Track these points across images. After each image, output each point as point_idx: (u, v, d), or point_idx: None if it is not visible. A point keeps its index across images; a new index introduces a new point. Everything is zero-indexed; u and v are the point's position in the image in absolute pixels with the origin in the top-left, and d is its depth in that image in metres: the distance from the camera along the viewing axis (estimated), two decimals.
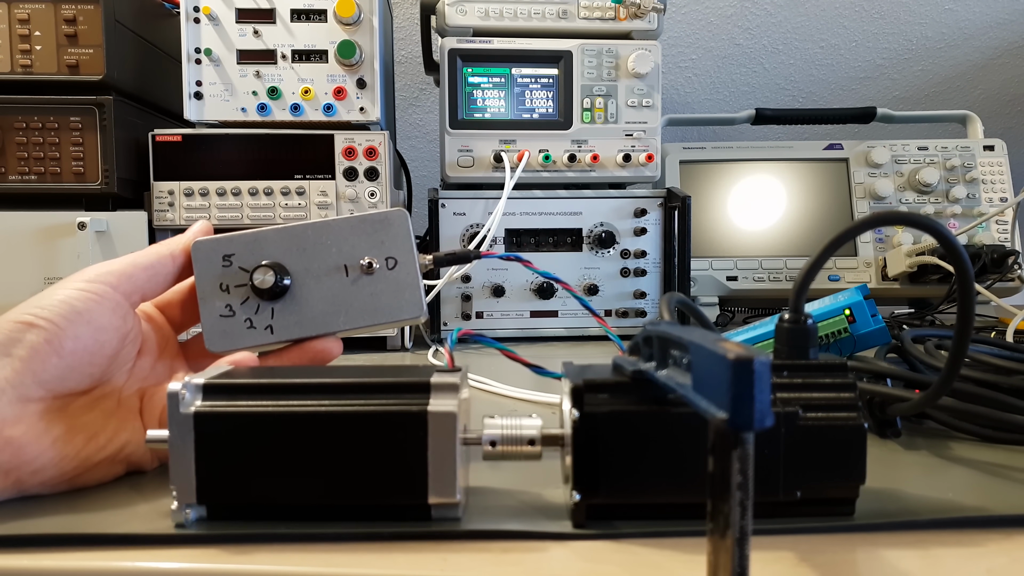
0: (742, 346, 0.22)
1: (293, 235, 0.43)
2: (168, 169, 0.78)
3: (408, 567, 0.29)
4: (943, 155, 1.00)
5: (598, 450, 0.30)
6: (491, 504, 0.34)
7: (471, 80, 0.85)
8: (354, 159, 0.79)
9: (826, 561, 0.29)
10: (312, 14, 0.78)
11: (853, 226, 0.32)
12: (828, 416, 0.30)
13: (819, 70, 1.36)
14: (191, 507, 0.31)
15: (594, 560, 0.29)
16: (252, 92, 0.78)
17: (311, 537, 0.30)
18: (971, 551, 0.30)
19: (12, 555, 0.29)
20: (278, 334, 0.42)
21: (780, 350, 0.33)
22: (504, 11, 0.84)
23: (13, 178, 0.75)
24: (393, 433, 0.31)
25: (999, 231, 0.97)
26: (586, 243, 0.86)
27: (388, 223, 0.44)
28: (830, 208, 0.99)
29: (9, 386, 0.32)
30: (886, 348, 0.51)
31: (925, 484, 0.36)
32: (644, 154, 0.86)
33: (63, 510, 0.32)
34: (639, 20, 0.85)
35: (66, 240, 0.75)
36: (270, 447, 0.31)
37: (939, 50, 1.36)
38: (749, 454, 0.22)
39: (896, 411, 0.42)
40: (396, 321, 0.43)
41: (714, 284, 0.96)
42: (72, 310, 0.35)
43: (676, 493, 0.31)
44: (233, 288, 0.42)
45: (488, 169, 0.85)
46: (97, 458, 0.35)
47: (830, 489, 0.31)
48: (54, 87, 0.75)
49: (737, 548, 0.22)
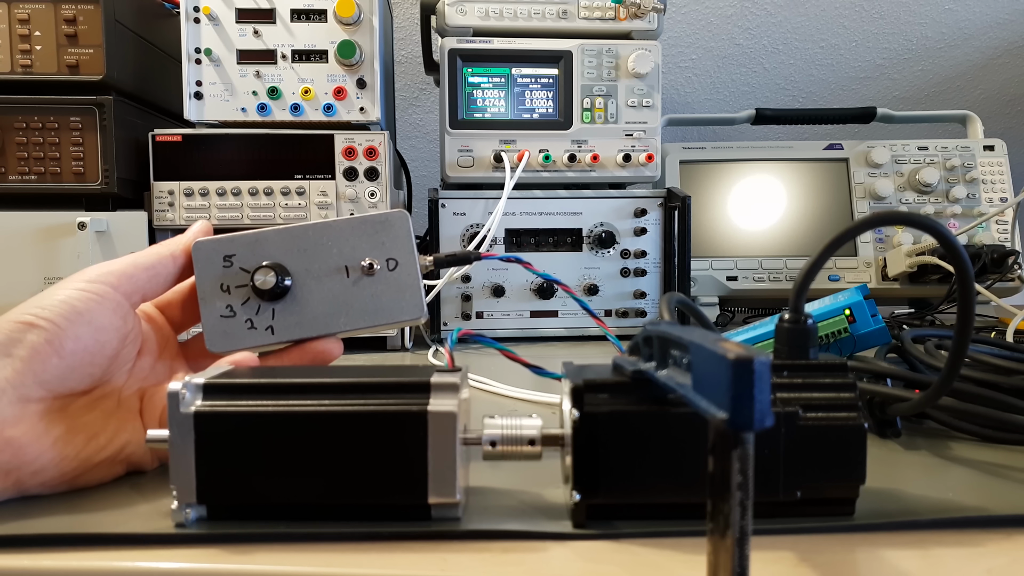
0: (742, 346, 0.22)
1: (294, 236, 0.43)
2: (168, 169, 0.78)
3: (408, 567, 0.29)
4: (943, 155, 1.00)
5: (598, 450, 0.30)
6: (491, 504, 0.34)
7: (471, 80, 0.85)
8: (354, 159, 0.79)
9: (826, 561, 0.29)
10: (312, 14, 0.78)
11: (853, 226, 0.32)
12: (828, 416, 0.31)
13: (819, 70, 1.36)
14: (191, 507, 0.31)
15: (594, 560, 0.29)
16: (252, 92, 0.78)
17: (311, 537, 0.30)
18: (971, 551, 0.30)
19: (12, 555, 0.29)
20: (279, 335, 0.42)
21: (780, 350, 0.33)
22: (504, 11, 0.84)
23: (13, 178, 0.75)
24: (393, 433, 0.31)
25: (999, 231, 0.97)
26: (586, 243, 0.86)
27: (389, 224, 0.44)
28: (830, 208, 0.99)
29: (10, 386, 0.32)
30: (886, 348, 0.51)
31: (925, 484, 0.36)
32: (644, 154, 0.86)
33: (63, 510, 0.32)
34: (639, 20, 0.85)
35: (66, 240, 0.75)
36: (270, 447, 0.31)
37: (939, 50, 1.36)
38: (749, 454, 0.22)
39: (896, 411, 0.42)
40: (397, 322, 0.43)
41: (714, 284, 0.96)
42: (73, 310, 0.35)
43: (676, 493, 0.31)
44: (234, 289, 0.42)
45: (488, 169, 0.85)
46: (97, 458, 0.35)
47: (830, 489, 0.31)
48: (54, 87, 0.75)
49: (737, 548, 0.22)
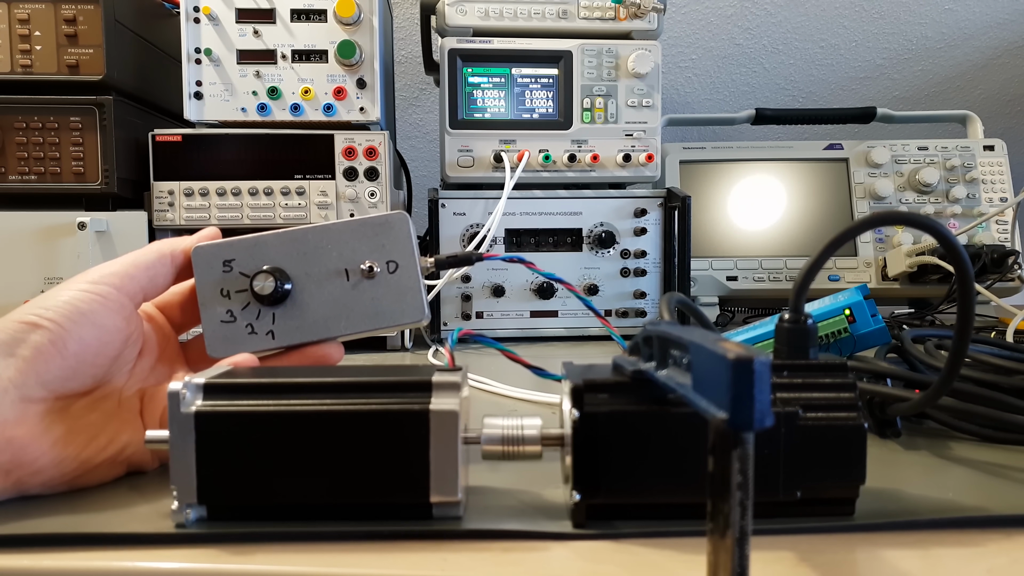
0: (742, 346, 0.22)
1: (293, 239, 0.43)
2: (168, 169, 0.78)
3: (408, 567, 0.29)
4: (943, 155, 1.00)
5: (598, 450, 0.30)
6: (491, 504, 0.34)
7: (471, 80, 0.85)
8: (354, 159, 0.79)
9: (826, 561, 0.29)
10: (312, 14, 0.78)
11: (853, 226, 0.32)
12: (828, 416, 0.30)
13: (819, 70, 1.36)
14: (191, 507, 0.31)
15: (594, 560, 0.29)
16: (252, 92, 0.78)
17: (312, 536, 0.30)
18: (971, 551, 0.30)
19: (12, 555, 0.29)
20: (279, 339, 0.42)
21: (780, 350, 0.33)
22: (504, 11, 0.84)
23: (13, 178, 0.75)
24: (395, 432, 0.31)
25: (999, 231, 0.97)
26: (586, 243, 0.86)
27: (389, 226, 0.43)
28: (830, 208, 0.99)
29: (12, 386, 0.32)
30: (886, 348, 0.51)
31: (925, 484, 0.36)
32: (644, 154, 0.86)
33: (63, 510, 0.32)
34: (639, 20, 0.85)
35: (66, 240, 0.75)
36: (271, 446, 0.31)
37: (939, 50, 1.36)
38: (749, 454, 0.22)
39: (896, 411, 0.42)
40: (398, 325, 0.43)
41: (714, 284, 0.96)
42: (77, 311, 0.35)
43: (676, 493, 0.31)
44: (234, 294, 0.42)
45: (488, 169, 0.85)
46: (98, 459, 0.35)
47: (830, 489, 0.31)
48: (54, 87, 0.75)
49: (737, 548, 0.22)
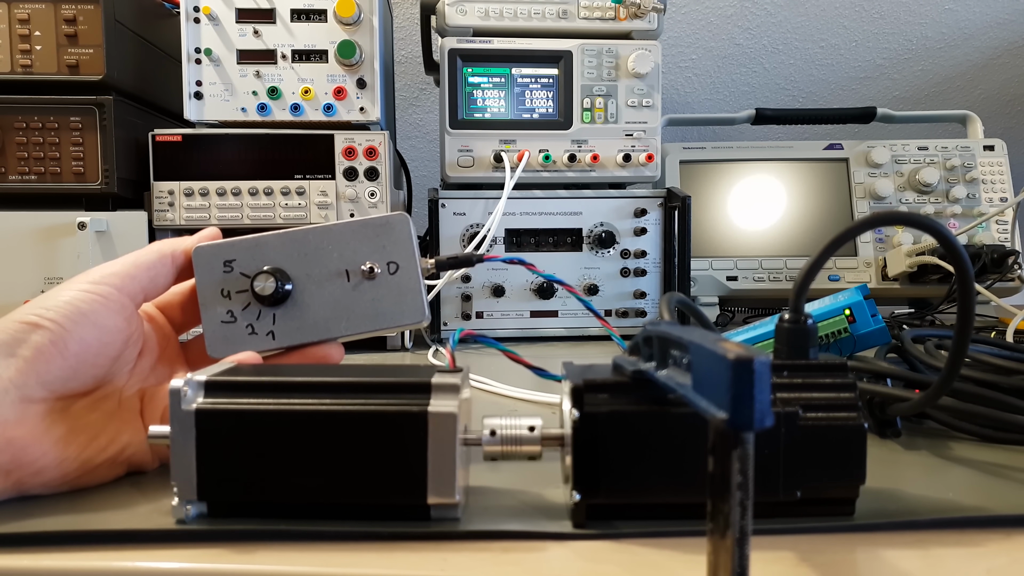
0: (742, 346, 0.22)
1: (294, 240, 0.43)
2: (168, 169, 0.78)
3: (408, 567, 0.29)
4: (943, 155, 1.00)
5: (598, 450, 0.30)
6: (491, 504, 0.34)
7: (471, 80, 0.85)
8: (354, 159, 0.79)
9: (826, 561, 0.29)
10: (312, 14, 0.78)
11: (853, 226, 0.32)
12: (828, 416, 0.31)
13: (819, 70, 1.36)
14: (192, 503, 0.31)
15: (594, 560, 0.29)
16: (252, 92, 0.78)
17: (311, 535, 0.30)
18: (971, 551, 0.30)
19: (12, 555, 0.29)
20: (280, 340, 0.42)
21: (780, 350, 0.33)
22: (504, 11, 0.84)
23: (13, 178, 0.75)
24: (393, 433, 0.31)
25: (999, 231, 0.97)
26: (586, 243, 0.86)
27: (390, 227, 0.43)
28: (830, 208, 0.99)
29: (13, 386, 0.32)
30: (886, 348, 0.51)
31: (925, 484, 0.36)
32: (644, 154, 0.86)
33: (64, 509, 0.32)
34: (639, 20, 0.85)
35: (66, 240, 0.75)
36: (271, 445, 0.31)
37: (939, 50, 1.36)
38: (749, 454, 0.22)
39: (896, 411, 0.42)
40: (398, 326, 0.43)
41: (714, 284, 0.96)
42: (78, 311, 0.35)
43: (676, 493, 0.31)
44: (234, 294, 0.42)
45: (488, 169, 0.85)
46: (98, 459, 0.35)
47: (830, 489, 0.31)
48: (54, 87, 0.75)
49: (737, 548, 0.22)
